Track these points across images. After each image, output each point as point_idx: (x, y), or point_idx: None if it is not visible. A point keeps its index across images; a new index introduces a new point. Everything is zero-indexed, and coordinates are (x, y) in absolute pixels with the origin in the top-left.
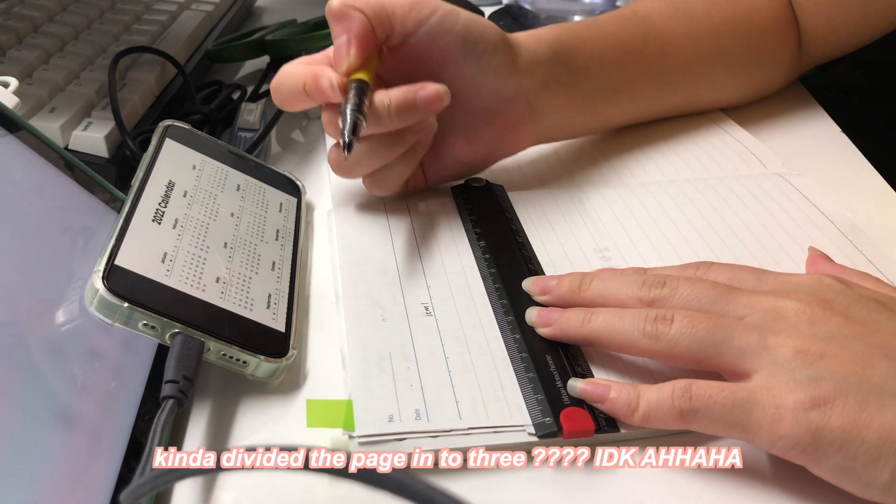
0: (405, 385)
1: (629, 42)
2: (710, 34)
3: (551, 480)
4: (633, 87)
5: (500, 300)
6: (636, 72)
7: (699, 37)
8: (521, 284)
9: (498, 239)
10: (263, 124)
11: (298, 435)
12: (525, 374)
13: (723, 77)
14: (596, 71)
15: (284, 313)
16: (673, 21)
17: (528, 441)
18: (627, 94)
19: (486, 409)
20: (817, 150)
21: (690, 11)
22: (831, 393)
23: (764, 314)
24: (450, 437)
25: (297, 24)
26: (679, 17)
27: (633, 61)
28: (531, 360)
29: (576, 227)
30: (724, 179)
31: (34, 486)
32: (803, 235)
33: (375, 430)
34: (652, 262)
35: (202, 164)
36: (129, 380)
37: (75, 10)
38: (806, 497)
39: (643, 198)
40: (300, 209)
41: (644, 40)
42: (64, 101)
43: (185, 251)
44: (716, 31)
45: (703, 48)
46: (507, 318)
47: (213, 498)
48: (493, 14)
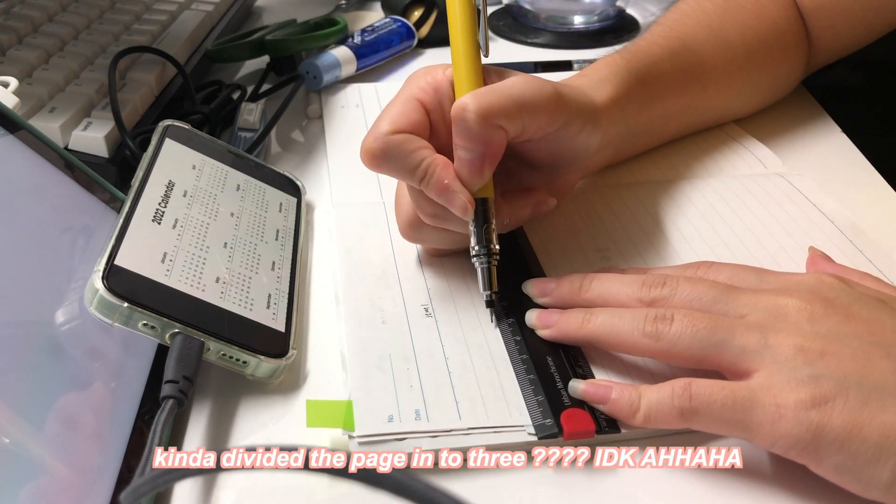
0: (405, 385)
1: (678, 82)
2: (743, 61)
3: (551, 480)
4: (674, 120)
5: (501, 302)
6: (680, 105)
7: (733, 66)
8: (521, 287)
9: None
10: (263, 124)
11: (298, 435)
12: (526, 376)
13: (746, 94)
14: (646, 116)
15: (284, 313)
16: (713, 52)
17: (528, 441)
18: (667, 127)
19: (486, 409)
20: (817, 150)
21: (728, 39)
22: (832, 391)
23: (764, 313)
24: (450, 437)
25: (297, 24)
26: (718, 47)
27: (678, 100)
28: (532, 362)
29: (576, 226)
30: (725, 179)
31: (34, 486)
32: (804, 235)
33: (375, 430)
34: (652, 261)
35: (202, 164)
36: (129, 380)
37: (75, 10)
38: (806, 496)
39: (643, 197)
40: (300, 209)
41: (689, 77)
42: (64, 101)
43: (184, 251)
44: (748, 57)
45: (736, 76)
46: (507, 319)
47: (213, 498)
48: (494, 14)
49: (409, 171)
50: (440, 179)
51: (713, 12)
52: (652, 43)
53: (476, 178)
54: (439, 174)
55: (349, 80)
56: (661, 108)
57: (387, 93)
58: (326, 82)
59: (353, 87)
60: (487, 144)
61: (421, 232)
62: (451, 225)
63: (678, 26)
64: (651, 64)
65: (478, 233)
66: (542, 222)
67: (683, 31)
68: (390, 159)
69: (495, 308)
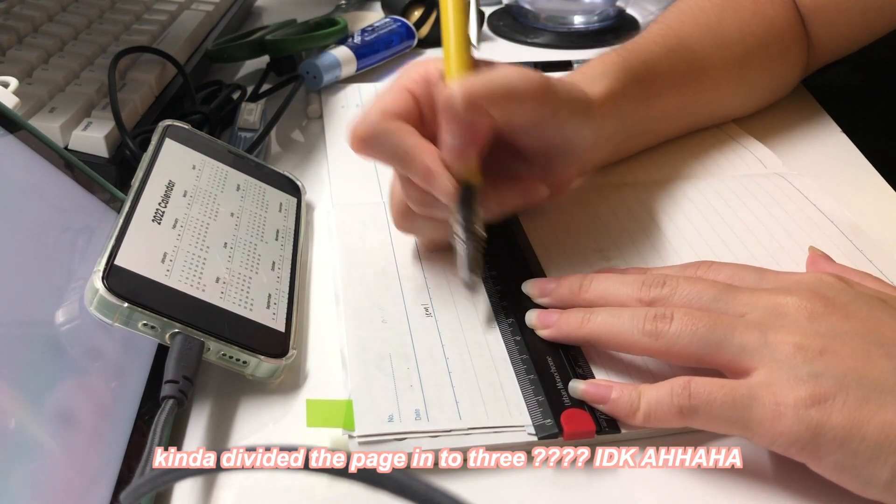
0: (405, 385)
1: (676, 80)
2: (741, 60)
3: (551, 480)
4: (671, 119)
5: (501, 302)
6: (676, 104)
7: (731, 65)
8: (521, 287)
9: (498, 240)
10: (263, 124)
11: (298, 435)
12: (526, 376)
13: (744, 93)
14: (644, 113)
15: (284, 313)
16: (711, 50)
17: (528, 441)
18: (664, 125)
19: (486, 409)
20: (817, 150)
21: (726, 38)
22: (831, 390)
23: (764, 311)
24: (450, 437)
25: (297, 24)
26: (716, 45)
27: (676, 98)
28: (532, 362)
29: (576, 226)
30: (724, 179)
31: (34, 486)
32: (803, 235)
33: (375, 430)
34: (652, 261)
35: (202, 164)
36: (129, 380)
37: (75, 10)
38: (806, 496)
39: (643, 197)
40: (300, 209)
41: (687, 76)
42: (64, 101)
43: (184, 251)
44: (746, 56)
45: (733, 74)
46: (507, 320)
47: (213, 498)
48: (493, 14)
49: (394, 156)
50: (424, 163)
51: (711, 11)
52: (649, 41)
53: (461, 163)
54: (424, 158)
55: (349, 80)
56: (658, 106)
57: None
58: (326, 82)
59: (353, 87)
60: (473, 130)
61: (412, 222)
62: (439, 212)
63: (676, 24)
64: (648, 61)
65: (462, 217)
66: (543, 222)
67: (681, 30)
68: (377, 143)
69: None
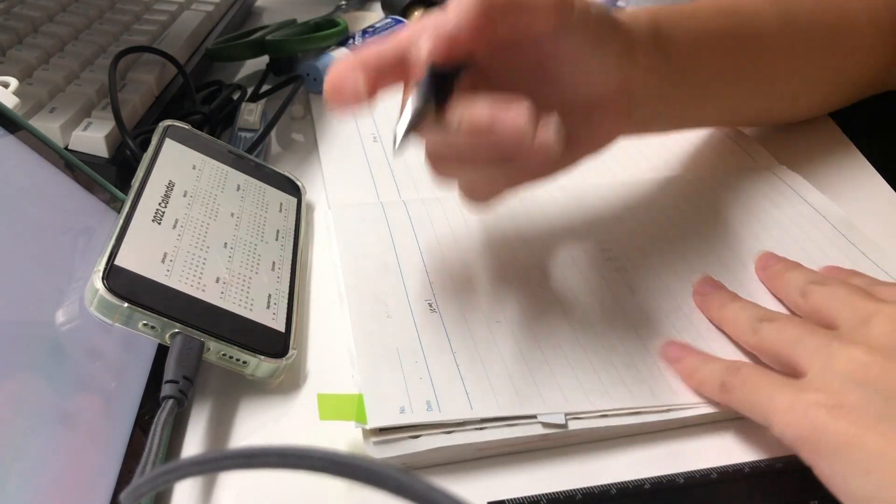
0: (415, 378)
1: (727, 42)
2: (808, 41)
3: (552, 481)
4: (723, 87)
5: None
6: (729, 73)
7: (798, 44)
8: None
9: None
10: (263, 124)
11: (299, 435)
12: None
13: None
14: (690, 65)
15: (284, 313)
16: (773, 24)
17: (540, 434)
18: (715, 95)
19: (497, 399)
20: (817, 149)
21: (793, 15)
22: (854, 401)
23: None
24: (463, 433)
25: (297, 24)
26: (782, 21)
27: (729, 62)
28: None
29: (574, 224)
30: (717, 176)
31: (34, 486)
32: (798, 231)
33: (388, 422)
34: (652, 256)
35: (202, 164)
36: (129, 380)
37: (75, 10)
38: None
39: (642, 195)
40: (300, 209)
41: (742, 42)
42: (64, 101)
43: (185, 251)
44: (814, 38)
45: (800, 56)
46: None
47: (213, 498)
48: None
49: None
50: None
51: None
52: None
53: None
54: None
55: None
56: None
57: None
58: None
59: None
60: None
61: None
62: None
63: None
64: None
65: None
66: (543, 222)
67: None
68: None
69: None
